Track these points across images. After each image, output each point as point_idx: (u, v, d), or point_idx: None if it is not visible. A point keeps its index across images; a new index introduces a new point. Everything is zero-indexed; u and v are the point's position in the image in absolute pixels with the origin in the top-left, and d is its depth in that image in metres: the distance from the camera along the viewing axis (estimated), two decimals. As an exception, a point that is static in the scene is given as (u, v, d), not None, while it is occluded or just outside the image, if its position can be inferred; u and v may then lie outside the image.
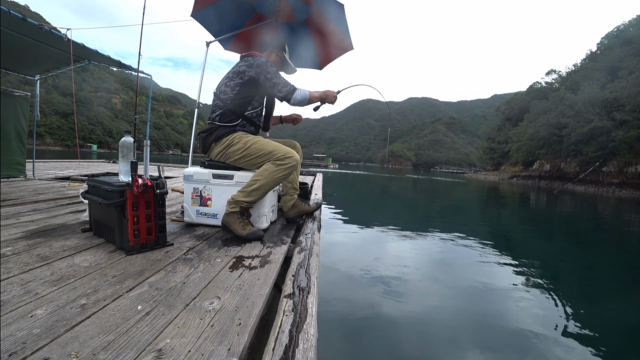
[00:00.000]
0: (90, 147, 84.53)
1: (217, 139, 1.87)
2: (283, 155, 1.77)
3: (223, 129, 1.87)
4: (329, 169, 43.53)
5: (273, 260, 1.37)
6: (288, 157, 1.77)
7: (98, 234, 1.58)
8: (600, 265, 5.00)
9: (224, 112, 1.88)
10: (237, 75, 1.88)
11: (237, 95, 1.88)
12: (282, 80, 1.84)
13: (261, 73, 1.83)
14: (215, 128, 1.88)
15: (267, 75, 1.83)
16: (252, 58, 1.89)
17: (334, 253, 4.38)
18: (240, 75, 1.87)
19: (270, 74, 1.83)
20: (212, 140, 1.89)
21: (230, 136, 1.86)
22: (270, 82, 1.83)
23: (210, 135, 1.89)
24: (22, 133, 3.84)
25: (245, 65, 1.87)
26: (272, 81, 1.83)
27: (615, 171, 30.82)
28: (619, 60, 37.82)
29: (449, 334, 2.54)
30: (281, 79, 1.85)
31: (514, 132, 51.87)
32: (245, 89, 1.88)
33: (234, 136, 1.85)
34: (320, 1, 2.27)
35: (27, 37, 2.78)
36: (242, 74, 1.87)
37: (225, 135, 1.86)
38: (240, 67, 1.89)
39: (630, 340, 2.71)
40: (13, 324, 0.78)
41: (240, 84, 1.87)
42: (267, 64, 1.85)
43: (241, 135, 1.87)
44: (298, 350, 0.74)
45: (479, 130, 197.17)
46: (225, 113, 1.88)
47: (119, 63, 3.63)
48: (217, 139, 1.87)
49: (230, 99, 1.87)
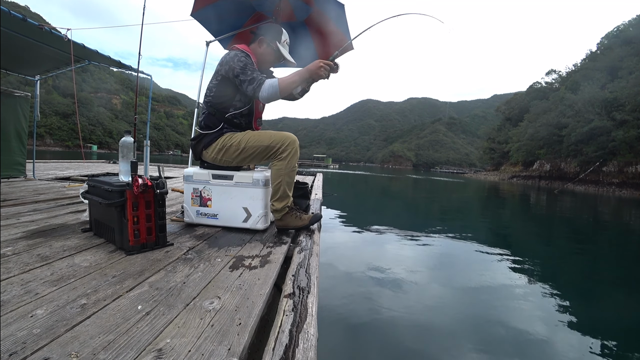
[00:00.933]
0: (91, 148, 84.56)
1: (206, 146, 1.83)
2: (282, 145, 1.72)
3: (209, 135, 1.81)
4: (329, 169, 43.52)
5: (273, 260, 1.37)
6: (287, 144, 1.72)
7: (98, 234, 1.58)
8: (600, 265, 5.00)
9: (206, 116, 1.82)
10: (214, 75, 1.79)
11: (215, 97, 1.77)
12: (249, 75, 1.63)
13: (229, 70, 1.67)
14: (202, 136, 1.83)
15: (234, 71, 1.65)
16: (226, 54, 1.74)
17: (334, 253, 4.38)
18: (216, 75, 1.77)
19: (237, 70, 1.64)
20: (201, 147, 1.85)
21: (218, 140, 1.79)
22: (238, 80, 1.66)
23: (199, 143, 1.85)
24: (22, 133, 3.84)
25: (219, 63, 1.74)
26: (239, 78, 1.65)
27: (616, 171, 30.80)
28: (619, 60, 37.78)
29: (448, 333, 2.53)
30: (248, 73, 1.63)
31: (514, 132, 51.86)
32: (222, 89, 1.76)
33: (222, 140, 1.79)
34: (321, 0, 2.26)
35: (27, 38, 2.78)
36: (216, 74, 1.77)
37: (213, 140, 1.80)
38: (217, 65, 1.76)
39: (630, 340, 2.70)
40: (13, 324, 0.78)
41: (216, 85, 1.77)
42: (234, 58, 1.67)
43: (230, 136, 1.79)
44: (298, 350, 0.74)
45: (479, 131, 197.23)
46: (208, 117, 1.82)
47: (119, 63, 3.63)
48: (206, 146, 1.83)
49: (210, 102, 1.79)
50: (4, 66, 3.55)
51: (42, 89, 76.39)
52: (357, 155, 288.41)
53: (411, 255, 4.58)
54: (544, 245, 6.12)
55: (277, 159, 1.74)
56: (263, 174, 1.83)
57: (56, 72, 3.92)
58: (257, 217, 1.83)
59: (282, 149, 1.73)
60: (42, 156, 11.98)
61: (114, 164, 7.67)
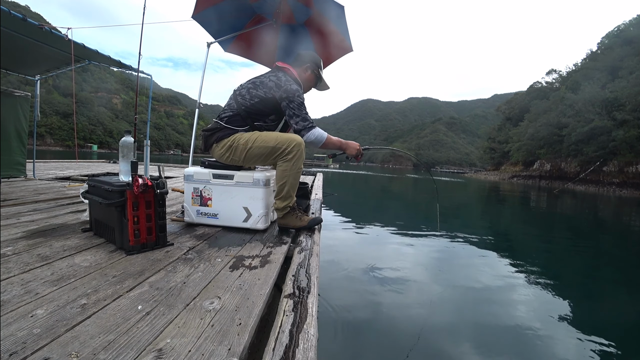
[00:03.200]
0: (91, 148, 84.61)
1: (217, 140, 1.85)
2: (288, 146, 1.74)
3: (226, 130, 1.83)
4: (330, 169, 43.52)
5: (273, 260, 1.37)
6: (293, 145, 1.74)
7: (98, 234, 1.58)
8: (600, 264, 4.99)
9: (234, 115, 1.84)
10: (262, 86, 1.82)
11: (253, 106, 1.82)
12: (303, 114, 1.78)
13: (286, 99, 1.78)
14: (218, 129, 1.85)
15: (290, 104, 1.77)
16: (285, 76, 1.82)
17: (335, 253, 4.38)
18: (265, 89, 1.81)
19: (294, 104, 1.77)
20: (213, 140, 1.87)
21: (229, 138, 1.82)
22: (291, 112, 1.78)
23: (213, 135, 1.87)
24: (23, 133, 3.85)
25: (274, 82, 1.80)
26: (293, 111, 1.78)
27: (616, 171, 30.79)
28: (619, 59, 37.75)
29: (448, 333, 2.53)
30: (303, 112, 1.79)
31: (515, 131, 51.83)
32: (264, 104, 1.82)
33: (233, 138, 1.81)
34: (321, 2, 2.26)
35: (28, 37, 2.78)
36: (266, 89, 1.81)
37: (226, 136, 1.83)
38: (270, 80, 1.82)
39: (630, 340, 2.70)
40: (13, 324, 0.78)
41: (260, 97, 1.81)
42: (295, 93, 1.78)
43: (240, 135, 1.82)
44: (298, 350, 0.74)
45: (479, 130, 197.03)
46: (235, 117, 1.84)
47: (119, 63, 3.63)
48: (217, 140, 1.85)
49: (245, 106, 1.82)
50: (4, 66, 3.55)
51: (43, 88, 76.36)
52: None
53: (411, 254, 4.58)
54: (544, 245, 6.12)
55: (283, 160, 1.76)
56: (264, 173, 1.83)
57: (56, 72, 3.93)
58: (258, 217, 1.83)
59: (288, 150, 1.74)
60: (43, 156, 11.98)
61: (114, 164, 7.67)
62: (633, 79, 32.20)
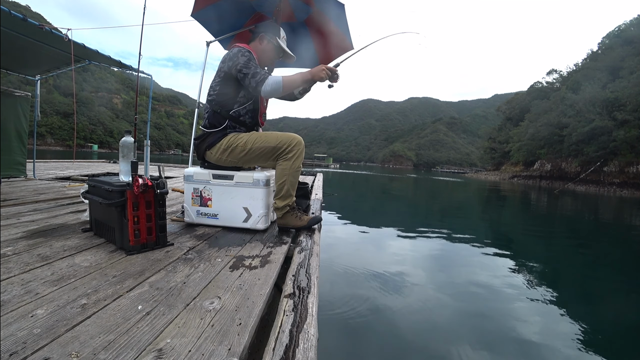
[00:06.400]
0: (91, 147, 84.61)
1: (209, 146, 1.83)
2: (288, 145, 1.74)
3: (214, 135, 1.81)
4: (330, 169, 43.52)
5: (273, 260, 1.37)
6: (293, 145, 1.74)
7: (98, 234, 1.59)
8: (600, 264, 4.99)
9: (211, 114, 1.83)
10: (217, 73, 1.81)
11: (219, 95, 1.79)
12: (252, 70, 1.66)
13: (233, 66, 1.70)
14: (206, 135, 1.83)
15: (237, 66, 1.68)
16: (229, 51, 1.77)
17: (335, 253, 4.38)
18: (219, 72, 1.79)
19: (240, 65, 1.67)
20: (205, 147, 1.85)
21: (222, 141, 1.80)
22: (241, 74, 1.68)
23: (203, 142, 1.85)
24: (23, 133, 3.85)
25: (221, 61, 1.77)
26: (242, 72, 1.68)
27: (617, 171, 30.74)
28: (620, 59, 37.69)
29: (449, 333, 2.53)
30: (252, 68, 1.67)
31: (515, 131, 51.77)
32: (226, 86, 1.78)
33: (227, 140, 1.79)
34: (321, 1, 2.26)
35: (28, 37, 2.79)
36: (219, 71, 1.79)
37: (217, 140, 1.80)
38: (220, 63, 1.79)
39: (630, 340, 2.70)
40: (14, 324, 0.78)
41: (220, 83, 1.78)
42: (238, 54, 1.70)
43: (235, 136, 1.80)
44: (298, 350, 0.74)
45: (479, 130, 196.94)
46: (212, 115, 1.82)
47: (119, 63, 3.64)
48: (209, 146, 1.83)
49: (214, 100, 1.80)
50: (4, 66, 3.55)
51: (43, 88, 76.46)
52: (358, 155, 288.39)
53: (411, 254, 4.58)
54: (544, 245, 6.12)
55: (283, 159, 1.76)
56: (264, 173, 1.83)
57: (56, 72, 3.93)
58: (258, 217, 1.83)
59: (288, 149, 1.74)
60: (43, 156, 12.00)
61: (114, 164, 7.67)
62: (634, 79, 32.16)
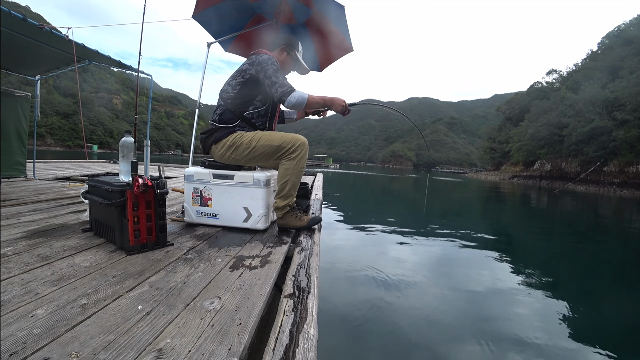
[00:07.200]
0: (91, 148, 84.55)
1: (215, 141, 1.86)
2: (292, 145, 1.75)
3: (222, 130, 1.85)
4: (330, 169, 43.51)
5: (273, 260, 1.37)
6: (297, 144, 1.76)
7: (98, 234, 1.59)
8: (600, 264, 4.99)
9: (224, 111, 1.86)
10: (239, 73, 1.85)
11: (237, 95, 1.84)
12: (280, 80, 1.75)
13: (261, 71, 1.77)
14: (214, 130, 1.87)
15: (266, 73, 1.75)
16: (257, 56, 1.83)
17: (335, 253, 4.38)
18: (242, 73, 1.83)
19: (270, 72, 1.75)
20: (211, 142, 1.88)
21: (229, 137, 1.83)
22: (269, 81, 1.75)
23: (210, 137, 1.88)
24: (23, 133, 3.85)
25: (248, 63, 1.83)
26: (270, 79, 1.75)
27: (616, 171, 30.74)
28: (619, 59, 37.68)
29: (449, 333, 2.53)
30: (280, 78, 1.76)
31: (515, 132, 51.75)
32: (247, 88, 1.83)
33: (233, 137, 1.82)
34: (321, 2, 2.26)
35: (28, 38, 2.79)
36: (244, 72, 1.83)
37: (224, 137, 1.84)
38: (244, 65, 1.85)
39: (630, 340, 2.70)
40: (14, 324, 0.78)
41: (241, 83, 1.83)
42: (268, 61, 1.77)
43: (240, 134, 1.83)
44: (298, 350, 0.74)
45: (479, 130, 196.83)
46: (225, 113, 1.86)
47: (119, 63, 3.64)
48: (215, 141, 1.86)
49: (230, 98, 1.84)
50: (4, 66, 3.55)
51: (43, 88, 76.32)
52: (358, 155, 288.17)
53: (412, 254, 4.58)
54: (544, 245, 6.11)
55: (287, 159, 1.77)
56: (264, 173, 1.83)
57: (56, 72, 3.93)
58: (258, 217, 1.83)
59: (292, 149, 1.76)
60: (43, 156, 11.99)
61: (114, 164, 7.67)
62: (633, 79, 32.14)
